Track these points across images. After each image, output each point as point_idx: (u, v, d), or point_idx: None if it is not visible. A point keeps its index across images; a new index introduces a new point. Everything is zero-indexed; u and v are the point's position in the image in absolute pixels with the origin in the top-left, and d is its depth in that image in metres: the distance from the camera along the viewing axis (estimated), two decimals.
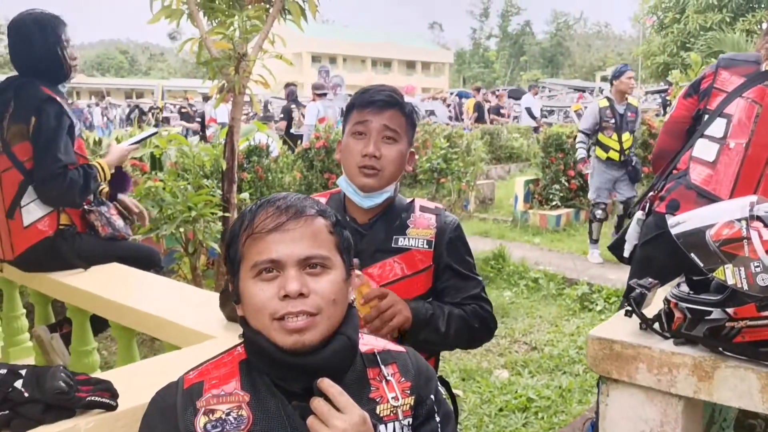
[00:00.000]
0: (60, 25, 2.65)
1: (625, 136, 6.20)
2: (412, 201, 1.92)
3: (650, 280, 1.61)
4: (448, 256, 1.80)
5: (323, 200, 1.90)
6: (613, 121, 6.18)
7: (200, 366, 1.17)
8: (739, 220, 1.42)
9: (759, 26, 16.40)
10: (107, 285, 2.49)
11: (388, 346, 1.21)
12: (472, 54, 63.46)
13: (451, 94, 23.20)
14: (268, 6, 4.81)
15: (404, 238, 1.78)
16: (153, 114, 19.13)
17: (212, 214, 4.49)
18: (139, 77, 54.79)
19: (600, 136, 6.22)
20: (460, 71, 61.52)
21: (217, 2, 4.62)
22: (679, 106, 2.41)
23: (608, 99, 6.27)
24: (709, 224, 1.48)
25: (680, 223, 1.53)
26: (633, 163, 6.27)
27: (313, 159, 7.14)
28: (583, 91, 20.51)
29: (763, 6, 16.87)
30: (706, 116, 2.25)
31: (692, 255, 1.45)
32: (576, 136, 6.67)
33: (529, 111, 14.09)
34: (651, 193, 2.37)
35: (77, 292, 2.47)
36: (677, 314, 1.51)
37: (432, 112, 16.98)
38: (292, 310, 1.08)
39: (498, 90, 21.43)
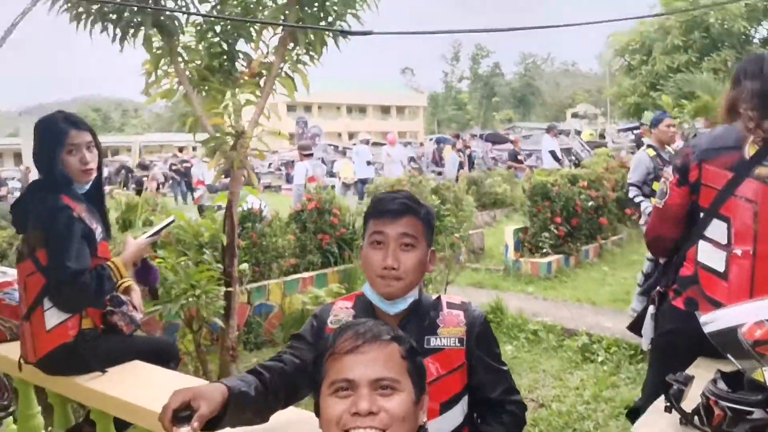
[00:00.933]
0: (63, 128, 2.58)
1: None
2: (438, 298, 1.97)
3: (686, 374, 1.67)
4: (479, 351, 1.85)
5: (349, 304, 1.97)
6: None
7: None
8: None
9: (725, 65, 17.04)
10: (128, 386, 2.48)
11: None
12: (445, 97, 64.60)
13: (431, 140, 23.55)
14: (259, 80, 4.93)
15: (436, 338, 1.83)
16: (131, 175, 19.05)
17: (215, 288, 4.50)
18: (112, 134, 54.69)
19: (655, 186, 5.58)
20: (434, 114, 62.50)
21: (210, 80, 4.72)
22: (673, 194, 2.33)
23: (652, 147, 5.88)
24: (740, 323, 1.55)
25: (711, 321, 1.60)
26: None
27: (306, 221, 7.18)
28: (560, 134, 20.97)
29: (726, 45, 17.57)
30: (701, 213, 2.24)
31: (728, 355, 1.52)
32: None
33: (553, 154, 14.24)
34: (659, 288, 2.40)
35: (98, 395, 2.47)
36: (717, 411, 1.57)
37: (412, 159, 17.24)
38: (361, 425, 1.18)
39: (474, 133, 21.80)
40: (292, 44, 4.76)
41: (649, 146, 5.92)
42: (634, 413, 2.67)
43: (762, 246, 2.10)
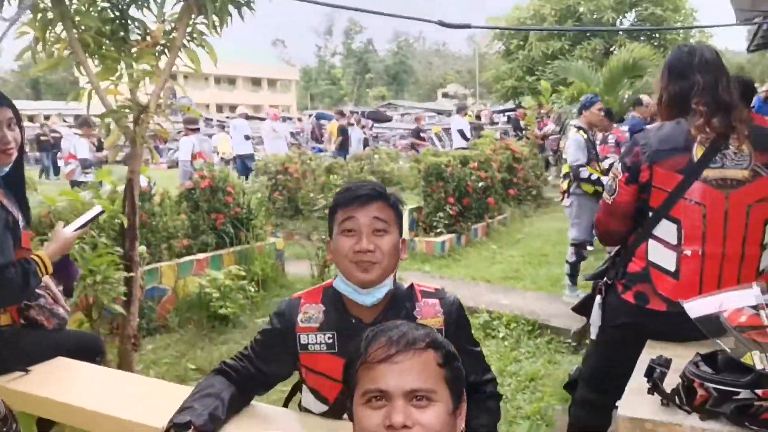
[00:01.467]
0: None
1: (600, 166, 5.95)
2: (411, 286, 1.95)
3: (664, 357, 1.75)
4: (459, 338, 1.85)
5: (317, 299, 1.92)
6: (594, 152, 5.91)
7: None
8: (753, 307, 1.59)
9: (593, 53, 18.21)
10: (53, 385, 2.29)
11: None
12: (318, 71, 64.03)
13: (310, 115, 23.23)
14: (159, 51, 4.60)
15: None
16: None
17: (114, 273, 4.20)
18: None
19: (588, 169, 5.72)
20: (307, 88, 61.83)
21: (104, 49, 4.34)
22: (622, 192, 2.36)
23: (583, 129, 5.81)
24: (722, 309, 1.64)
25: (694, 308, 1.68)
26: None
27: (198, 199, 6.85)
28: (441, 114, 21.46)
29: (597, 36, 18.73)
30: (651, 213, 2.30)
31: (717, 341, 1.60)
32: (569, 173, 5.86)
33: (461, 133, 14.29)
34: (606, 279, 2.48)
35: (21, 395, 2.25)
36: (701, 392, 1.66)
37: (291, 134, 16.94)
38: None
39: (353, 110, 21.78)
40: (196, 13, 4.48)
41: (579, 128, 5.87)
42: (571, 386, 2.81)
43: (710, 247, 2.19)
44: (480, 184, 8.62)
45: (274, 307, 2.00)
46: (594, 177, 5.70)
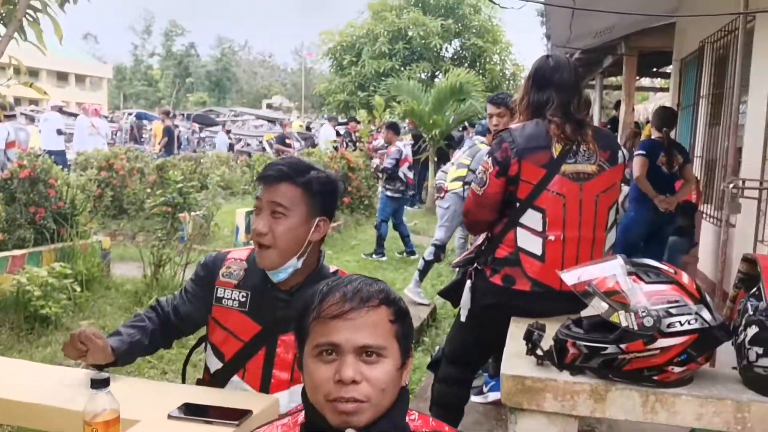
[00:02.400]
0: None
1: None
2: (336, 272, 1.99)
3: (540, 323, 1.98)
4: None
5: (243, 255, 1.97)
6: None
7: (266, 424, 1.33)
8: (619, 275, 1.87)
9: (421, 74, 19.26)
10: None
11: (439, 427, 1.30)
12: (133, 71, 60.49)
13: (129, 114, 21.89)
14: None
15: None
16: None
17: None
18: None
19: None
20: (120, 88, 58.11)
21: None
22: (492, 183, 2.55)
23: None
24: (591, 278, 1.90)
25: (569, 278, 1.93)
26: None
27: (15, 191, 6.23)
28: (272, 122, 21.30)
29: (424, 58, 19.87)
30: (518, 203, 2.52)
31: (590, 304, 1.85)
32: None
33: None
34: (476, 265, 2.69)
35: None
36: (572, 350, 1.89)
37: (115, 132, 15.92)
38: (344, 395, 1.18)
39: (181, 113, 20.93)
40: None
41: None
42: (434, 365, 3.00)
43: (569, 232, 2.50)
44: None
45: (202, 258, 2.07)
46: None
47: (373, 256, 8.22)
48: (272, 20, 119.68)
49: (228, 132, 16.52)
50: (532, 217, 2.51)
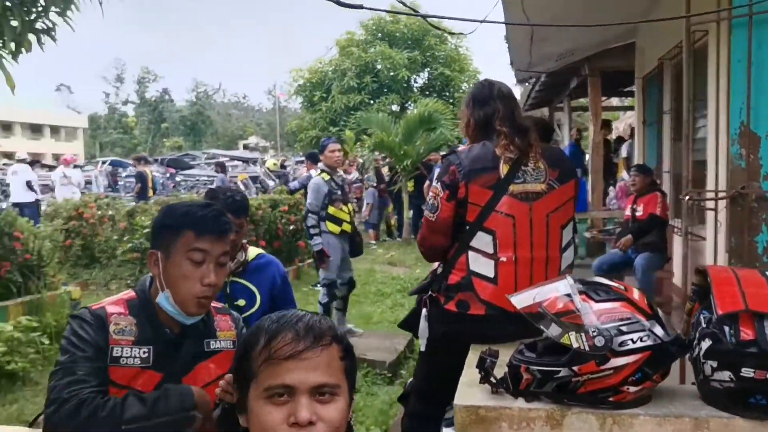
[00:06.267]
0: None
1: (349, 207, 6.09)
2: None
3: (493, 349, 1.92)
4: None
5: (121, 309, 1.81)
6: (339, 192, 6.00)
7: None
8: (567, 295, 1.82)
9: (390, 106, 19.40)
10: None
11: None
12: (108, 119, 60.37)
13: (103, 162, 21.81)
14: None
15: (215, 341, 1.88)
16: None
17: None
18: None
19: (331, 210, 5.88)
20: (95, 137, 57.91)
21: None
22: (444, 208, 2.52)
23: (326, 172, 5.99)
24: (541, 300, 1.86)
25: (520, 300, 1.88)
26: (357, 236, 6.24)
27: None
28: (245, 162, 21.28)
29: (392, 90, 20.02)
30: (468, 226, 2.49)
31: (541, 326, 1.80)
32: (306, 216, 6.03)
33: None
34: (431, 292, 2.63)
35: None
36: (526, 376, 1.84)
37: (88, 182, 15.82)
38: None
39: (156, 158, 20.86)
40: None
41: (322, 171, 6.04)
42: (404, 398, 2.92)
43: (521, 252, 2.46)
44: (290, 228, 8.67)
45: (69, 319, 1.81)
46: (315, 229, 5.86)
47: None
48: (244, 62, 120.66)
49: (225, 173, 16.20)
50: (482, 240, 2.47)
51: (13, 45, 4.10)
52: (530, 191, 2.48)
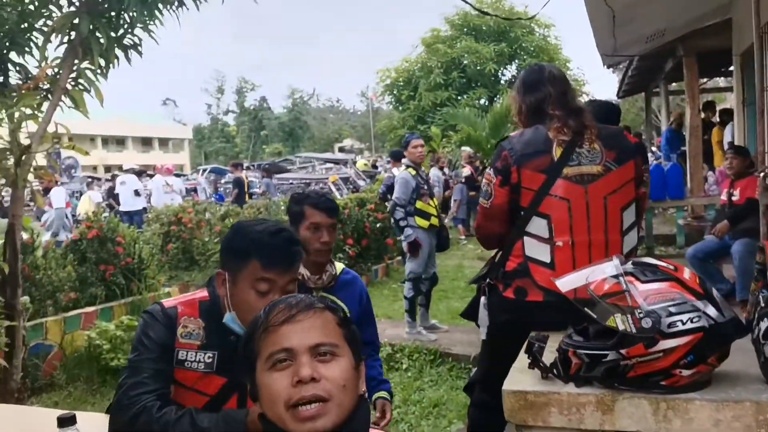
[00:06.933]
0: None
1: (434, 201, 6.11)
2: None
3: (543, 334, 1.89)
4: None
5: (194, 309, 1.85)
6: (426, 187, 6.04)
7: None
8: (614, 276, 1.76)
9: (478, 101, 19.24)
10: None
11: None
12: (211, 129, 63.29)
13: (204, 171, 22.92)
14: (44, 93, 4.48)
15: None
16: None
17: None
18: None
19: (419, 204, 5.92)
20: (200, 147, 60.85)
21: None
22: (497, 194, 2.51)
23: (411, 167, 6.04)
24: (587, 282, 1.80)
25: (562, 284, 1.84)
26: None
27: (85, 251, 6.57)
28: (337, 164, 21.75)
29: (480, 85, 19.83)
30: (522, 212, 2.46)
31: (586, 309, 1.75)
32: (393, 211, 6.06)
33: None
34: (489, 280, 2.62)
35: None
36: (575, 360, 1.79)
37: (194, 189, 16.67)
38: (305, 395, 1.14)
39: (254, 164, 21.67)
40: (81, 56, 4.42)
41: (408, 166, 6.09)
42: (470, 387, 2.90)
43: (578, 236, 2.39)
44: (378, 225, 8.77)
45: (142, 314, 1.87)
46: (404, 221, 5.89)
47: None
48: (337, 67, 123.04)
49: (270, 177, 16.67)
50: (537, 225, 2.42)
51: (102, 61, 4.38)
52: (585, 173, 2.41)
